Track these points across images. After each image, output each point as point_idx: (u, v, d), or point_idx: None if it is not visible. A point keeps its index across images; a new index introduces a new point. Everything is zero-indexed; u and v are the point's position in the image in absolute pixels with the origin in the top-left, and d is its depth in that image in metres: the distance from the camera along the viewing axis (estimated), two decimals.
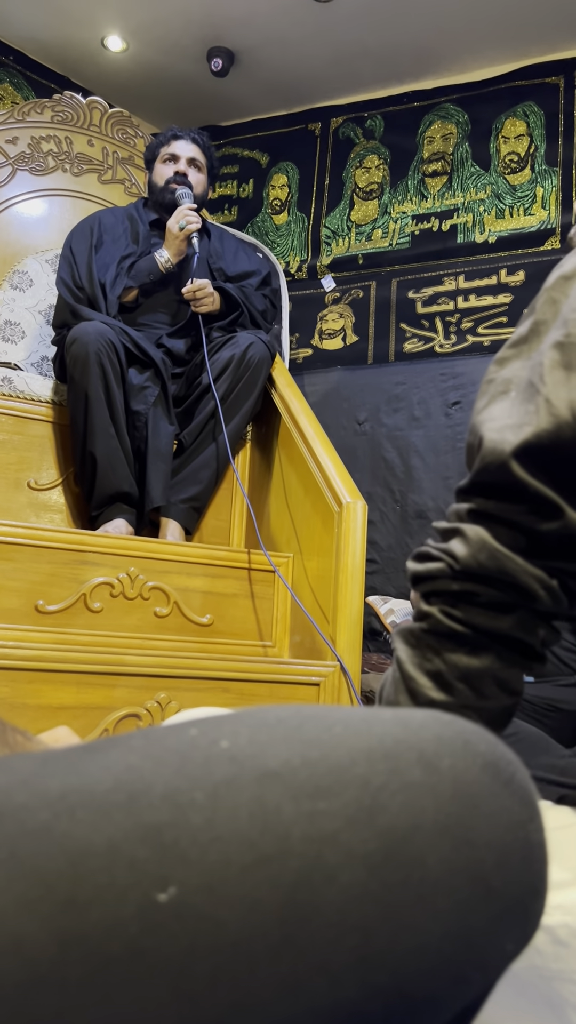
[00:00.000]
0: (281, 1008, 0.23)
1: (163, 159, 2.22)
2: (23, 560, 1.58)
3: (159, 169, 2.22)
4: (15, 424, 1.98)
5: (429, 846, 0.26)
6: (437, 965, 0.26)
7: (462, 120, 2.96)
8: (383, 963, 0.25)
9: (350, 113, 3.16)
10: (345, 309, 3.02)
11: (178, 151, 2.21)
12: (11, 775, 0.27)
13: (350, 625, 1.65)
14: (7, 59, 2.99)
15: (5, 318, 2.43)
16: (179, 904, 0.23)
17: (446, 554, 0.58)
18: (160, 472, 1.92)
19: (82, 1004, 0.22)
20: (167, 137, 2.24)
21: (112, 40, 2.95)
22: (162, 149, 2.23)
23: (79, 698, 1.39)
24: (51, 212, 2.59)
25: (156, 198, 2.22)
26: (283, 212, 3.21)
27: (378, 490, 2.81)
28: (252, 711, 0.31)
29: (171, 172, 2.19)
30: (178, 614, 1.72)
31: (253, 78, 3.08)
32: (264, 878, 0.24)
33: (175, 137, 2.23)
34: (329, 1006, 0.24)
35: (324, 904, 0.24)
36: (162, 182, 2.20)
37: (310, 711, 0.31)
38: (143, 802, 0.25)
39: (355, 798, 0.26)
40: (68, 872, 0.23)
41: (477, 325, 2.79)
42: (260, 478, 2.14)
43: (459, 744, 0.30)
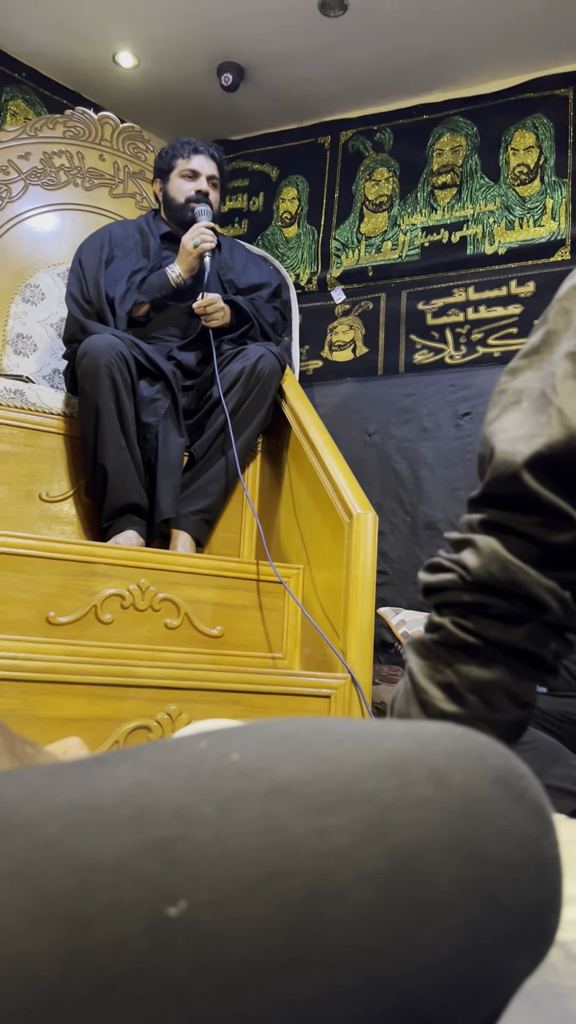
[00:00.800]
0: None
1: (182, 173, 2.20)
2: (34, 572, 1.58)
3: (177, 184, 2.20)
4: (27, 436, 1.99)
5: (439, 863, 0.26)
6: (448, 985, 0.25)
7: (471, 132, 2.97)
8: (393, 983, 0.25)
9: (360, 126, 3.17)
10: (355, 321, 3.02)
11: (198, 168, 2.19)
12: (19, 788, 0.27)
13: (361, 637, 1.64)
14: (20, 75, 3.02)
15: (17, 331, 2.44)
16: (187, 921, 0.23)
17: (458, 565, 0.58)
18: (170, 484, 1.92)
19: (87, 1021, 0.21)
20: (186, 150, 2.20)
21: (123, 56, 2.98)
22: (179, 162, 2.20)
23: (90, 710, 1.39)
24: (63, 226, 2.61)
25: (174, 214, 2.21)
26: (293, 225, 3.23)
27: (388, 502, 2.81)
28: (261, 724, 0.31)
29: (191, 189, 2.18)
30: (188, 626, 1.72)
31: (263, 92, 3.10)
32: (273, 895, 0.24)
33: (195, 151, 2.20)
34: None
35: (333, 923, 0.24)
36: (181, 199, 2.18)
37: (320, 724, 0.31)
38: (151, 816, 0.25)
39: (365, 814, 0.26)
40: (75, 888, 0.23)
41: (487, 336, 2.79)
42: (270, 489, 2.14)
43: (470, 758, 0.30)
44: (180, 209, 2.18)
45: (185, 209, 2.17)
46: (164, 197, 2.25)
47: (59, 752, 0.52)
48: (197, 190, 2.17)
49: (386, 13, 2.67)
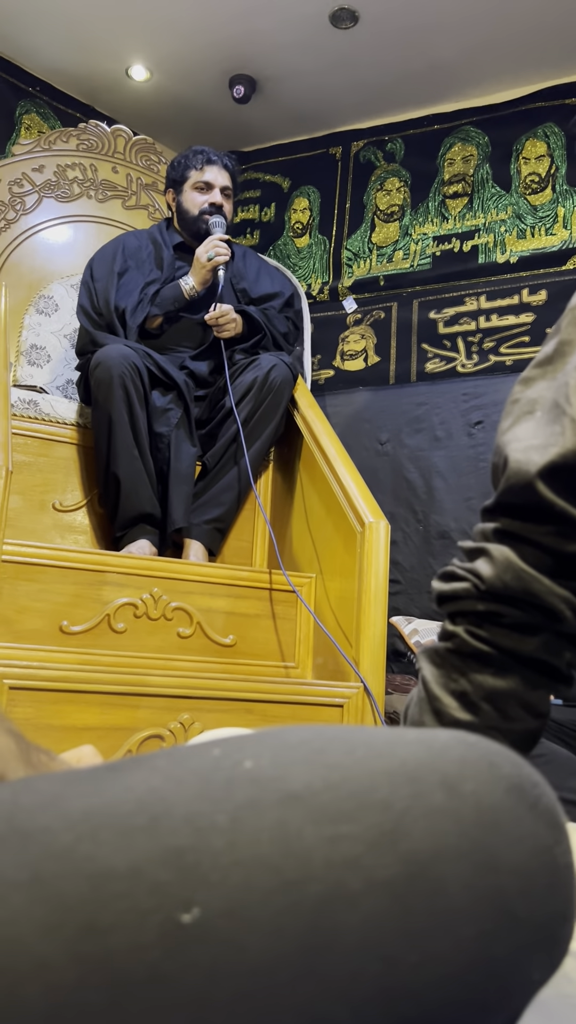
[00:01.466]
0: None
1: (195, 185, 2.19)
2: (48, 581, 1.59)
3: (191, 196, 2.20)
4: (40, 446, 2.00)
5: (452, 872, 0.26)
6: (461, 994, 0.25)
7: (482, 142, 2.97)
8: (407, 992, 0.25)
9: (371, 137, 3.18)
10: (367, 330, 3.03)
11: (212, 179, 2.19)
12: (34, 796, 0.27)
13: (374, 646, 1.64)
14: (34, 90, 3.06)
15: (31, 342, 2.46)
16: (201, 928, 0.23)
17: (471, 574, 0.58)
18: (182, 494, 1.92)
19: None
20: (199, 161, 2.20)
21: (136, 70, 3.00)
22: (192, 173, 2.20)
23: (103, 719, 1.39)
24: (76, 238, 2.63)
25: (188, 226, 2.21)
26: (305, 235, 3.24)
27: (401, 511, 2.80)
28: (274, 732, 0.31)
29: (204, 202, 2.18)
30: (201, 635, 1.72)
31: (274, 104, 3.12)
32: (286, 903, 0.24)
33: (208, 162, 2.19)
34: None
35: (346, 930, 0.24)
36: (196, 211, 2.19)
37: (333, 732, 0.31)
38: (165, 825, 0.25)
39: (377, 822, 0.26)
40: (90, 896, 0.23)
41: (499, 345, 2.78)
42: (283, 499, 2.14)
43: (483, 767, 0.30)
44: (194, 221, 2.19)
45: (199, 221, 2.18)
46: (178, 208, 2.25)
47: (73, 760, 0.52)
48: (211, 203, 2.18)
49: (397, 24, 2.68)
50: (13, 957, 0.22)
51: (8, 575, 1.54)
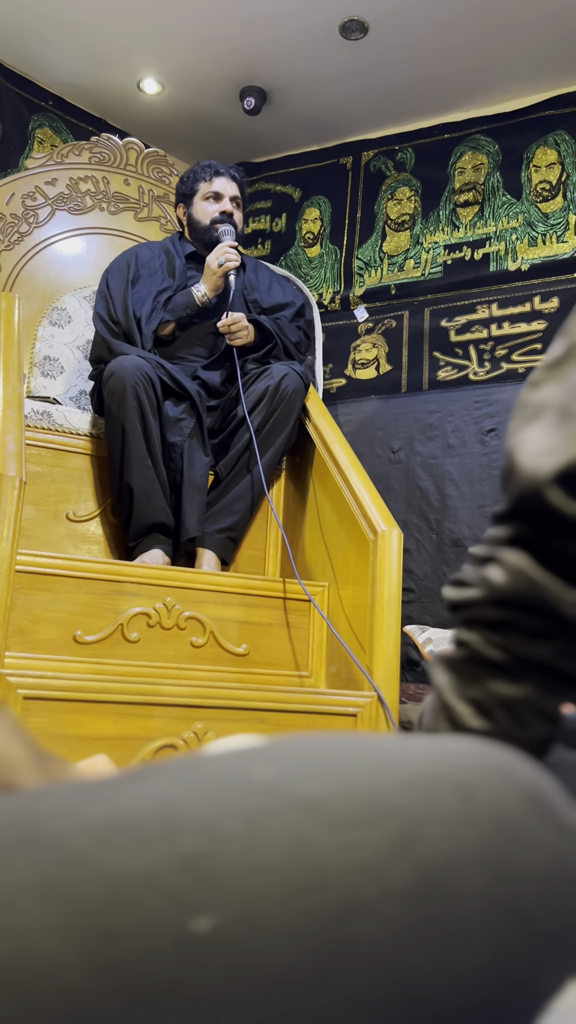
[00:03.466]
0: None
1: (205, 196, 2.24)
2: (62, 591, 1.60)
3: (201, 207, 2.24)
4: (54, 457, 2.01)
5: (467, 879, 0.26)
6: (477, 1001, 0.25)
7: (493, 150, 2.98)
8: (423, 999, 0.24)
9: (381, 147, 3.20)
10: (378, 339, 3.03)
11: (220, 189, 2.23)
12: (49, 803, 0.27)
13: (387, 655, 1.64)
14: (46, 104, 3.09)
15: (44, 354, 2.48)
16: (216, 935, 0.23)
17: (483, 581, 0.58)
18: (195, 503, 1.93)
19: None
20: (208, 174, 2.24)
21: (147, 83, 3.03)
22: (201, 185, 2.24)
23: (116, 728, 1.39)
24: (89, 250, 2.65)
25: (199, 236, 2.24)
26: (316, 245, 3.25)
27: (414, 519, 2.80)
28: (288, 740, 0.31)
29: (215, 211, 2.22)
30: (214, 644, 1.72)
31: (285, 115, 3.14)
32: (301, 910, 0.24)
33: (217, 174, 2.24)
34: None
35: (362, 937, 0.24)
36: (207, 221, 2.22)
37: (346, 740, 0.31)
38: (179, 831, 0.25)
39: (392, 829, 0.26)
40: (105, 902, 0.23)
41: (511, 352, 2.78)
42: (295, 508, 2.14)
43: (498, 774, 0.29)
44: (206, 231, 2.22)
45: (210, 230, 2.20)
46: (188, 220, 2.28)
47: (87, 770, 0.52)
48: (221, 211, 2.21)
49: (406, 35, 2.70)
50: (28, 963, 0.22)
51: (22, 585, 1.55)
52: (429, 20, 2.62)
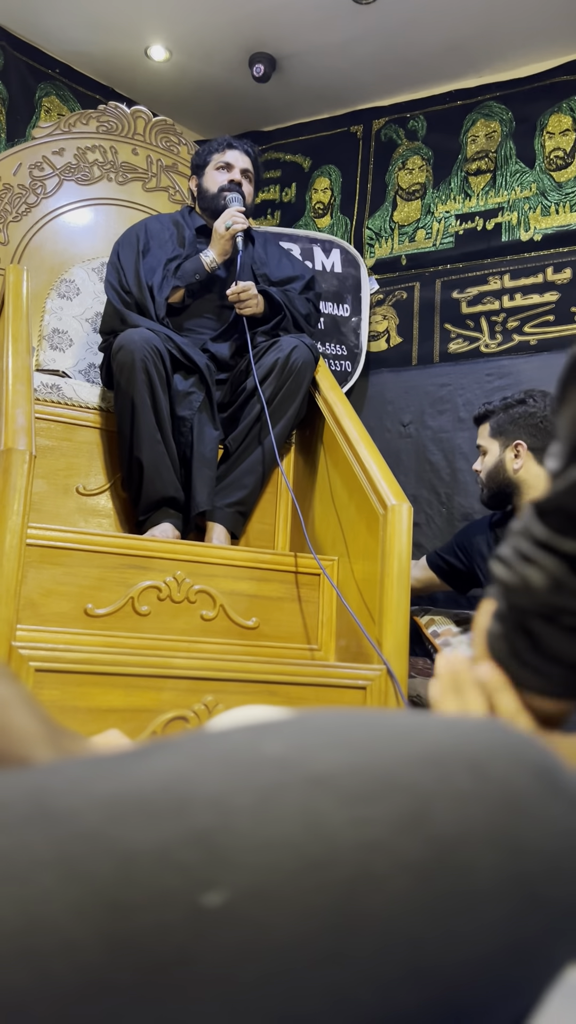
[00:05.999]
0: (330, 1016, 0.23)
1: (216, 166, 2.23)
2: (73, 564, 1.60)
3: (212, 175, 2.23)
4: (64, 431, 2.01)
5: (478, 855, 0.26)
6: (487, 975, 0.25)
7: (506, 118, 2.92)
8: (433, 973, 0.25)
9: (392, 114, 3.14)
10: (389, 311, 3.00)
11: (232, 160, 2.23)
12: (62, 779, 0.27)
13: (396, 629, 1.64)
14: (53, 72, 3.04)
15: (53, 327, 2.47)
16: (228, 909, 0.23)
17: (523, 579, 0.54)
18: (205, 477, 1.93)
19: (133, 1007, 0.22)
20: (221, 145, 2.25)
21: (155, 50, 2.98)
22: (215, 156, 2.25)
23: (127, 701, 1.40)
24: (97, 221, 2.62)
25: (207, 204, 2.24)
26: (326, 215, 3.21)
27: (424, 493, 2.79)
28: (300, 716, 0.31)
29: (224, 179, 2.21)
30: (224, 617, 1.73)
31: (295, 83, 3.09)
32: (312, 884, 0.24)
33: (229, 146, 2.25)
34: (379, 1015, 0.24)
35: (373, 912, 0.24)
36: (215, 188, 2.21)
37: (358, 716, 0.31)
38: (191, 807, 0.25)
39: (402, 805, 0.26)
40: (117, 876, 0.23)
41: (523, 324, 2.75)
42: (304, 482, 2.14)
43: (509, 751, 0.29)
44: (213, 199, 2.20)
45: (218, 197, 2.19)
46: (199, 190, 2.27)
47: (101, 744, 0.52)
48: (230, 179, 2.20)
49: (417, 0, 2.64)
50: (43, 936, 0.22)
51: (33, 559, 1.56)
52: None
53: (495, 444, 2.05)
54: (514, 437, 2.01)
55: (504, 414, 2.05)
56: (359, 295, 2.93)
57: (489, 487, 2.06)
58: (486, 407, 2.11)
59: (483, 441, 2.09)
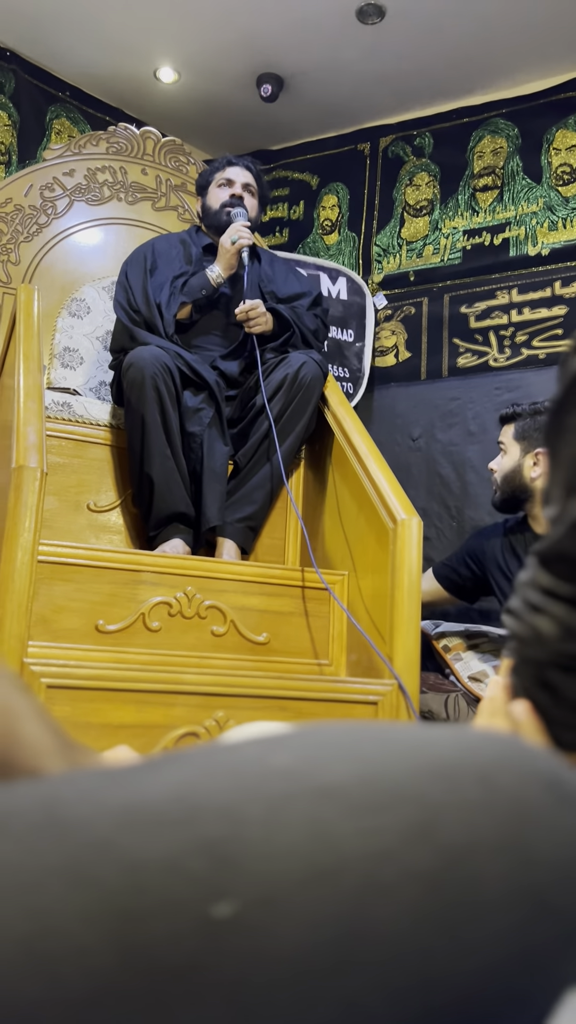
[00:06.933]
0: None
1: (219, 183, 2.26)
2: (83, 581, 1.61)
3: (214, 193, 2.26)
4: (74, 448, 2.03)
5: (487, 865, 0.26)
6: (497, 985, 0.25)
7: (512, 134, 2.94)
8: (442, 982, 0.25)
9: (399, 132, 3.17)
10: (397, 326, 3.01)
11: (233, 176, 2.26)
12: (74, 789, 0.27)
13: (407, 643, 1.64)
14: (63, 94, 3.09)
15: (64, 345, 2.49)
16: (237, 918, 0.23)
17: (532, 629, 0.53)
18: (215, 492, 1.93)
19: (142, 1014, 0.22)
20: (222, 163, 2.29)
21: (164, 72, 3.02)
22: (216, 175, 2.28)
23: (139, 717, 1.40)
24: (107, 240, 2.65)
25: (211, 221, 2.26)
26: (334, 232, 3.23)
27: (434, 506, 2.79)
28: (308, 728, 0.31)
29: (227, 195, 2.24)
30: (235, 633, 1.73)
31: (302, 102, 3.12)
32: (321, 894, 0.24)
33: (230, 163, 2.28)
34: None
35: (382, 922, 0.24)
36: (217, 205, 2.24)
37: (366, 728, 0.31)
38: (200, 817, 0.25)
39: (411, 815, 0.26)
40: (127, 885, 0.24)
41: (532, 338, 2.76)
42: (314, 496, 2.14)
43: (518, 762, 0.30)
44: (217, 215, 2.23)
45: (220, 213, 2.22)
46: (203, 209, 2.30)
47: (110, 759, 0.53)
48: (232, 194, 2.24)
49: (423, 18, 2.67)
50: (55, 943, 0.22)
51: (45, 575, 1.57)
52: (446, 3, 2.59)
53: (516, 447, 2.04)
54: (536, 444, 2.00)
55: (531, 419, 2.04)
56: (363, 322, 2.97)
57: (503, 490, 2.05)
58: (515, 408, 2.08)
59: (505, 440, 2.07)
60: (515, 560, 2.04)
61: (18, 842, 0.24)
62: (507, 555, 2.06)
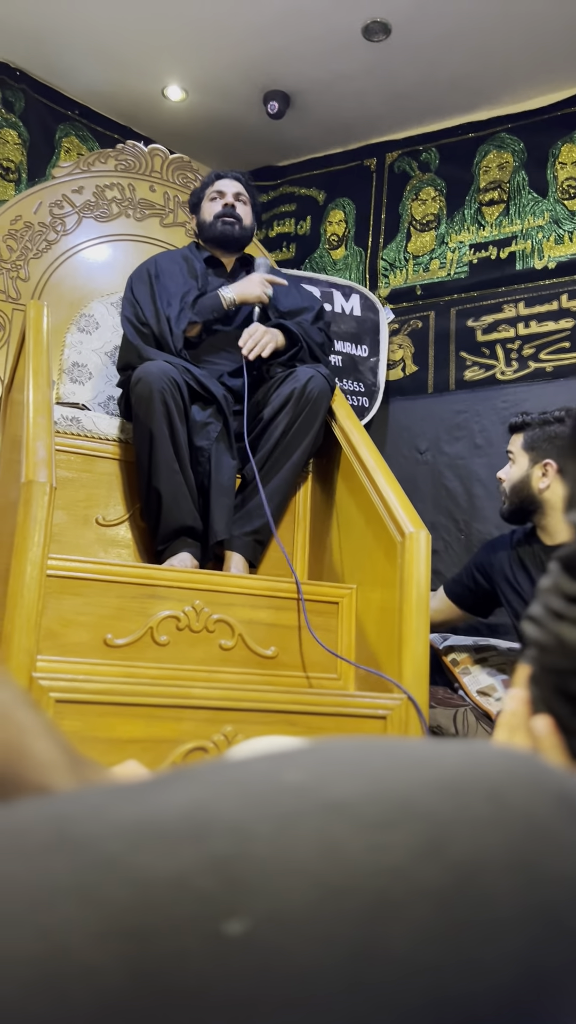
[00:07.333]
0: None
1: (210, 198, 2.31)
2: (92, 595, 1.61)
3: (207, 207, 2.31)
4: (83, 462, 2.03)
5: (498, 882, 0.26)
6: (510, 1006, 0.25)
7: (518, 148, 2.96)
8: (454, 1003, 0.24)
9: (405, 147, 3.19)
10: (404, 340, 3.02)
11: (224, 188, 2.31)
12: (82, 806, 0.27)
13: (416, 657, 1.63)
14: (72, 113, 3.12)
15: (73, 360, 2.50)
16: (247, 937, 0.23)
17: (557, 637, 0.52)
18: (223, 506, 1.94)
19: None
20: (211, 179, 2.34)
21: (172, 90, 3.05)
22: (207, 190, 2.33)
23: (147, 731, 1.40)
24: (115, 256, 2.67)
25: (207, 234, 2.30)
26: (340, 247, 3.25)
27: (441, 519, 2.78)
28: (317, 744, 0.31)
29: (219, 207, 2.28)
30: (243, 646, 1.73)
31: (308, 118, 3.14)
32: (331, 912, 0.24)
33: (219, 177, 2.33)
34: None
35: (392, 940, 0.24)
36: (211, 217, 2.29)
37: (375, 744, 0.31)
38: (209, 834, 0.25)
39: (421, 832, 0.26)
40: (136, 903, 0.23)
41: (539, 351, 2.76)
42: (322, 510, 2.14)
43: (528, 778, 0.29)
44: (211, 226, 2.28)
45: (215, 225, 2.26)
46: (198, 224, 2.35)
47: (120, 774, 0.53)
48: (224, 204, 2.28)
49: (429, 35, 2.69)
50: (63, 962, 0.22)
51: (53, 589, 1.57)
52: (451, 20, 2.61)
53: (525, 457, 2.02)
54: (545, 455, 1.99)
55: (540, 429, 2.02)
56: (377, 337, 2.98)
57: (511, 500, 2.03)
58: (524, 417, 2.07)
59: (514, 449, 2.06)
60: (523, 572, 2.03)
61: (28, 860, 0.24)
62: (515, 567, 2.05)
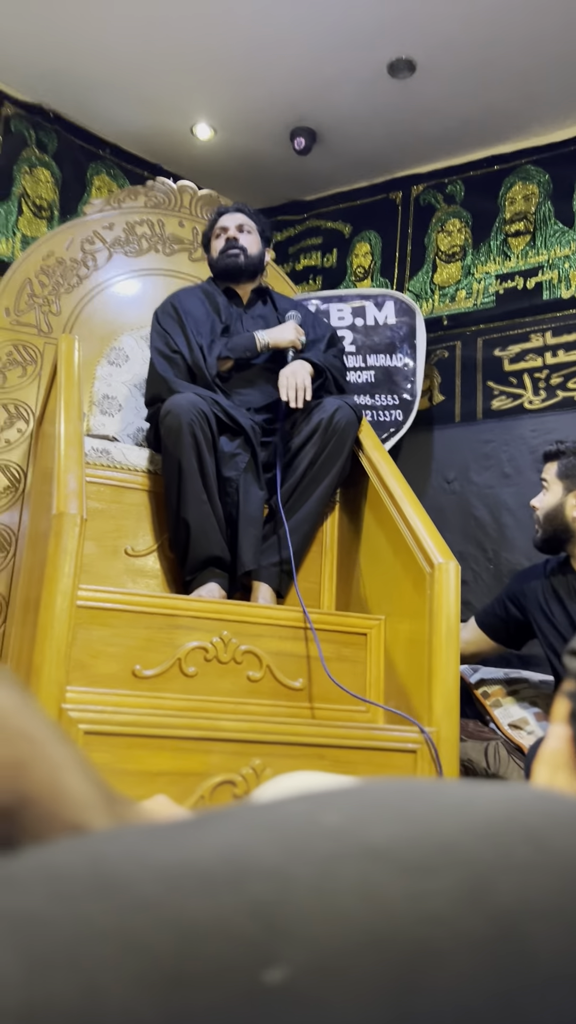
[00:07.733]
0: None
1: (215, 236, 2.38)
2: (120, 625, 1.62)
3: (213, 244, 2.39)
4: (112, 493, 2.05)
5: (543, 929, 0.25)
6: None
7: (543, 180, 2.97)
8: None
9: (431, 180, 3.22)
10: (431, 369, 3.03)
11: (225, 223, 2.37)
12: (120, 847, 0.27)
13: (446, 690, 1.61)
14: (103, 152, 3.19)
15: (103, 392, 2.53)
16: (288, 984, 0.23)
17: None
18: (251, 537, 1.94)
19: None
20: (215, 217, 2.41)
21: (200, 128, 3.11)
22: (213, 228, 2.40)
23: (176, 764, 1.39)
24: (145, 291, 2.71)
25: (215, 270, 2.37)
26: (366, 279, 3.27)
27: (470, 549, 2.76)
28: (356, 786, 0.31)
29: (223, 243, 2.34)
30: (271, 678, 1.72)
31: (335, 154, 3.19)
32: (374, 959, 0.24)
33: (220, 215, 2.40)
34: None
35: (435, 989, 0.24)
36: (217, 253, 2.35)
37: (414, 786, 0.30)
38: (248, 878, 0.25)
39: (463, 878, 0.26)
40: (177, 948, 0.23)
41: (567, 380, 2.75)
42: (350, 540, 2.14)
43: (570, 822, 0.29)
44: (217, 262, 2.35)
45: (221, 259, 2.33)
46: (209, 263, 2.42)
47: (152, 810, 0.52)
48: (227, 238, 2.34)
49: (453, 71, 2.72)
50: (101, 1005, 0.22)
51: (83, 620, 1.58)
52: (475, 56, 2.65)
53: (559, 485, 2.02)
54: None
55: (574, 458, 2.03)
56: (414, 342, 2.89)
57: (544, 529, 2.02)
58: (558, 445, 2.07)
59: (548, 477, 2.06)
60: (557, 603, 2.01)
61: (65, 902, 0.24)
62: (549, 598, 2.03)
